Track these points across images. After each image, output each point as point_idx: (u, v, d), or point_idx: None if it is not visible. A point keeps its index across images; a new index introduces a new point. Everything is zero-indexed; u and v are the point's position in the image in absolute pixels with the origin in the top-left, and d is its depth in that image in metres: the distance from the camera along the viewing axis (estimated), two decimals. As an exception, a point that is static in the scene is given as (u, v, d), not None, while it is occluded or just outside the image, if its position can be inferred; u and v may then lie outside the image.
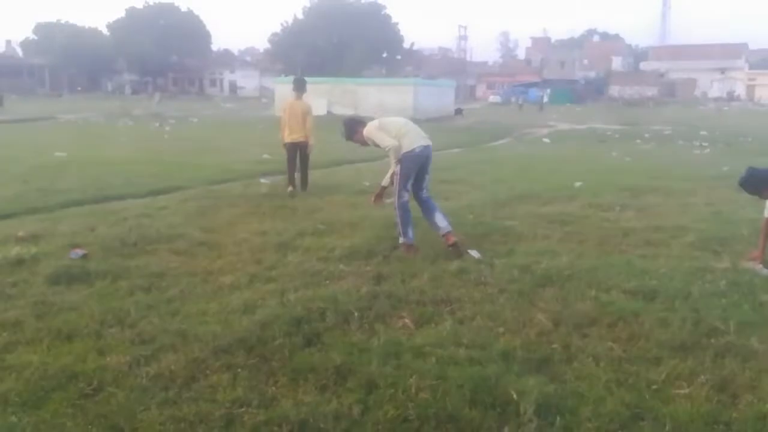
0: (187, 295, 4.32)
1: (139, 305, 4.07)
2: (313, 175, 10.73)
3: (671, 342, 3.55)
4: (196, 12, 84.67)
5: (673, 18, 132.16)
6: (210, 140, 18.00)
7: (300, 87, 9.18)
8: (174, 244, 5.75)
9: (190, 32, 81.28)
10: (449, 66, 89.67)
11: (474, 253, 5.32)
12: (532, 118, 34.68)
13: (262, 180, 10.06)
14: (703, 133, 21.82)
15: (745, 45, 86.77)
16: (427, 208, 5.73)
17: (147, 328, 3.66)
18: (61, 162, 12.05)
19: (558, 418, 2.68)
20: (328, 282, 4.62)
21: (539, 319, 3.88)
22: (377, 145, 5.71)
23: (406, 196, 5.60)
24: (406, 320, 3.77)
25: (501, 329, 3.72)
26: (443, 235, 5.50)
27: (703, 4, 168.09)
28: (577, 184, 9.62)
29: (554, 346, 3.50)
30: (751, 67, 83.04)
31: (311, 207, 7.78)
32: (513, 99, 57.48)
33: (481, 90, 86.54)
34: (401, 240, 5.56)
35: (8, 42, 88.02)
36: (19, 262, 5.07)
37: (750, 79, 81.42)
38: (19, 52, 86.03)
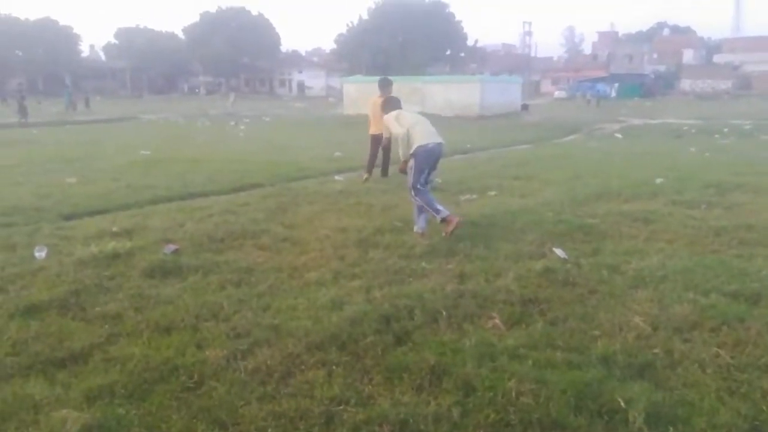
0: (276, 291, 4.41)
1: (232, 299, 4.18)
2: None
3: (784, 349, 3.34)
4: (266, 15, 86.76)
5: (748, 9, 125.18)
6: (283, 139, 18.42)
7: (383, 86, 9.43)
8: (259, 239, 5.90)
9: (261, 34, 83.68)
10: (513, 62, 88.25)
11: (559, 252, 5.18)
12: (601, 113, 33.60)
13: (337, 177, 10.19)
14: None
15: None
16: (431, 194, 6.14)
17: (241, 323, 3.76)
18: (147, 160, 12.61)
19: (670, 429, 2.56)
20: (411, 280, 4.61)
21: (636, 322, 3.73)
22: (390, 132, 6.36)
23: (422, 189, 5.95)
24: (496, 320, 3.71)
25: (596, 332, 3.59)
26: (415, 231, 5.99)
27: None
28: (658, 180, 9.22)
29: (656, 351, 3.35)
30: (833, 58, 77.35)
31: (386, 204, 7.79)
32: (578, 94, 55.78)
33: (546, 85, 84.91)
34: (438, 218, 5.75)
35: (92, 47, 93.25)
36: (115, 256, 5.31)
37: (835, 70, 75.95)
38: (102, 56, 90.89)
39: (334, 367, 3.17)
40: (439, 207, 5.85)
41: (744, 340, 3.48)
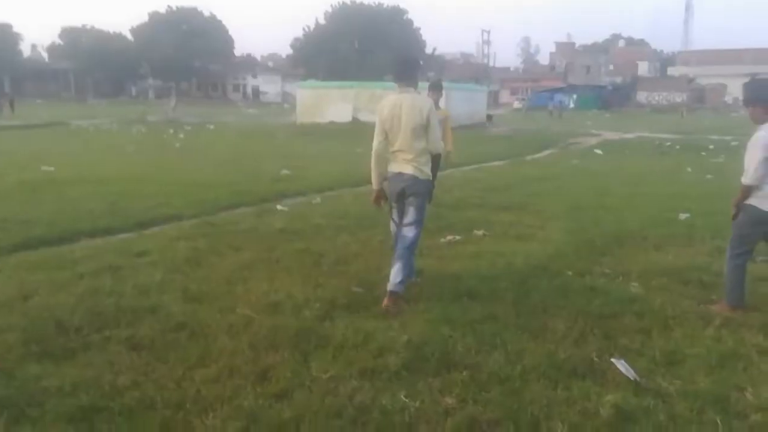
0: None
1: None
2: (343, 198, 8.78)
3: None
4: (218, 17, 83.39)
5: (696, 24, 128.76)
6: (224, 151, 16.08)
7: (434, 90, 7.01)
8: (138, 327, 3.74)
9: (213, 37, 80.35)
10: (472, 71, 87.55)
11: (621, 366, 3.19)
12: (566, 125, 32.21)
13: (280, 207, 8.01)
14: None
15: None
16: (397, 245, 4.40)
17: None
18: (45, 179, 10.15)
19: None
20: (384, 440, 2.55)
21: None
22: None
23: (392, 226, 4.57)
24: None
25: None
26: (388, 290, 4.18)
27: (726, 10, 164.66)
28: (682, 215, 7.44)
29: None
30: (783, 72, 79.60)
31: (342, 251, 5.73)
32: (523, 105, 56.51)
33: (504, 96, 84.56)
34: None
35: (34, 46, 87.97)
36: None
37: (782, 84, 77.92)
38: (45, 56, 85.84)
39: None
40: (399, 274, 4.17)
41: None
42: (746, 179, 3.99)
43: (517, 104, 70.99)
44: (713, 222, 7.03)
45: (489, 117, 34.18)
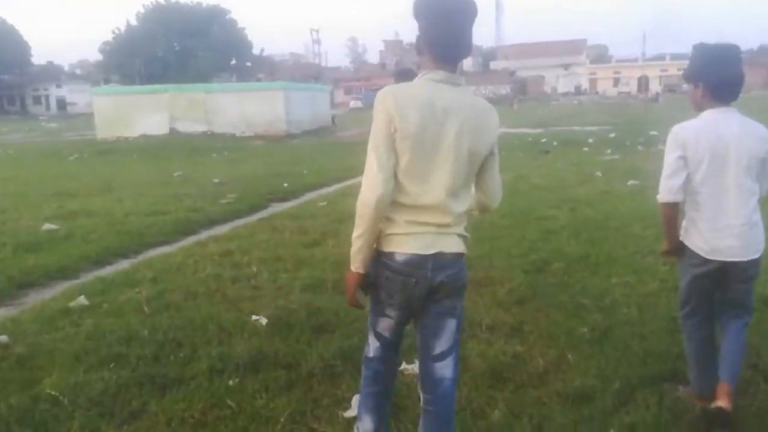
0: None
1: None
2: (137, 280, 4.78)
3: None
4: (9, 21, 72.20)
5: (509, 20, 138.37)
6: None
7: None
8: None
9: (3, 44, 68.91)
10: (303, 71, 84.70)
11: None
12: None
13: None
14: (653, 133, 17.52)
15: (584, 41, 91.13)
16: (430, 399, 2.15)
17: None
18: None
19: None
20: None
21: None
22: None
23: (372, 349, 2.17)
24: None
25: None
26: None
27: (536, 7, 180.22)
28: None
29: None
30: (591, 62, 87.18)
31: None
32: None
33: (339, 95, 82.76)
34: None
35: None
36: None
37: (591, 74, 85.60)
38: None
39: None
40: (366, 424, 2.18)
41: None
42: (661, 195, 2.63)
43: (354, 103, 69.24)
44: None
45: (333, 119, 31.15)
